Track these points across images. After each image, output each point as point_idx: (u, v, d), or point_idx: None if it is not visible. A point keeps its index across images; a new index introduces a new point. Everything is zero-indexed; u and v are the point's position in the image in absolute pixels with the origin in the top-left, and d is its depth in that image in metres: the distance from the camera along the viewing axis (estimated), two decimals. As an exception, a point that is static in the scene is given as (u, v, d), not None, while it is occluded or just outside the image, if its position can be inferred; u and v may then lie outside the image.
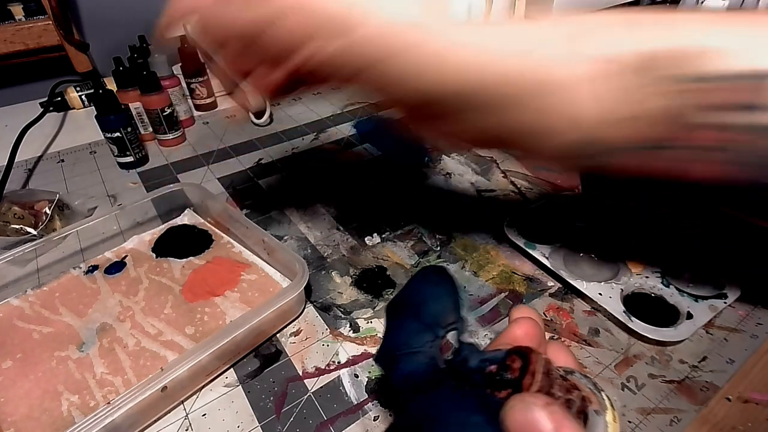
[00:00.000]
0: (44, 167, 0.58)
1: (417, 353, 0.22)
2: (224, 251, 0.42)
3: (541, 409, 0.17)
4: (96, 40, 0.81)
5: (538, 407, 0.17)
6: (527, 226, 0.41)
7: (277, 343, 0.34)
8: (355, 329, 0.35)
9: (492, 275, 0.38)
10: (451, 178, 0.51)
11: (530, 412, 0.17)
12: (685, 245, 0.37)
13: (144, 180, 0.54)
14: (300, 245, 0.43)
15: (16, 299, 0.38)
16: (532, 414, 0.17)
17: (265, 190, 0.51)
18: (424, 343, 0.22)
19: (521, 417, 0.17)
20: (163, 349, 0.33)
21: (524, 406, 0.17)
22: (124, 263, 0.41)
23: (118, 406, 0.26)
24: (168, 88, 0.60)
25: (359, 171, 0.53)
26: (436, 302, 0.23)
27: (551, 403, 0.17)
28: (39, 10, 0.72)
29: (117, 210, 0.43)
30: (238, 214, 0.42)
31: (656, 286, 0.35)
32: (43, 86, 0.71)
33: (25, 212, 0.45)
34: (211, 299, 0.37)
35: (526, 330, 0.21)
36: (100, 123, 0.53)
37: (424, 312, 0.23)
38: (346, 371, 0.32)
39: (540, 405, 0.17)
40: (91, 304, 0.37)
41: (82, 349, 0.33)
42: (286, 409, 0.30)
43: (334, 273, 0.40)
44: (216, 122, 0.67)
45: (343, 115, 0.67)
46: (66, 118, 0.70)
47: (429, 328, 0.22)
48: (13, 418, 0.29)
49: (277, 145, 0.60)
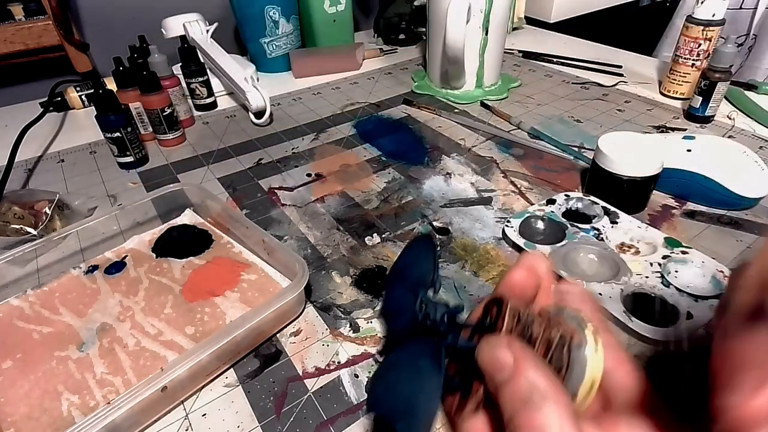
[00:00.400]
0: (44, 167, 0.58)
1: (403, 313, 0.25)
2: (224, 251, 0.42)
3: (502, 347, 0.19)
4: (96, 40, 0.81)
5: (500, 346, 0.19)
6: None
7: (277, 343, 0.34)
8: (355, 329, 0.35)
9: (492, 275, 0.38)
10: (451, 178, 0.51)
11: (493, 350, 0.19)
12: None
13: (144, 180, 0.54)
14: (300, 245, 0.43)
15: (16, 299, 0.38)
16: (494, 351, 0.19)
17: (265, 190, 0.51)
18: (408, 304, 0.25)
19: (487, 355, 0.20)
20: (163, 349, 0.33)
21: (488, 346, 0.20)
22: (124, 263, 0.41)
23: (118, 406, 0.26)
24: (168, 88, 0.60)
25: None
26: (417, 267, 0.27)
27: (512, 341, 0.19)
28: (39, 10, 0.72)
29: (117, 210, 0.43)
30: (238, 214, 0.42)
31: (656, 286, 0.35)
32: (43, 86, 0.71)
33: (25, 212, 0.45)
34: (211, 299, 0.37)
35: (518, 277, 0.24)
36: (100, 123, 0.53)
37: (407, 276, 0.27)
38: (346, 371, 0.32)
39: (501, 344, 0.19)
40: (91, 304, 0.37)
41: (82, 349, 0.33)
42: (286, 409, 0.30)
43: (334, 273, 0.40)
44: (216, 122, 0.67)
45: (343, 115, 0.67)
46: (66, 118, 0.70)
47: (411, 290, 0.25)
48: (13, 418, 0.29)
49: (277, 145, 0.60)
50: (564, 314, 0.22)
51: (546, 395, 0.18)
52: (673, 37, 0.91)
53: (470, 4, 0.60)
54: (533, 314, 0.22)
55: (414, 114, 0.66)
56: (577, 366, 0.20)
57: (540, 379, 0.18)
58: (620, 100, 0.67)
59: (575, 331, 0.21)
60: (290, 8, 0.80)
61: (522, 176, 0.51)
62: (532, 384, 0.18)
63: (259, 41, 0.80)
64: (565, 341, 0.21)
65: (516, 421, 0.18)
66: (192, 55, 0.66)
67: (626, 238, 0.40)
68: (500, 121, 0.63)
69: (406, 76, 0.79)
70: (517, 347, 0.19)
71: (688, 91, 0.64)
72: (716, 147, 0.46)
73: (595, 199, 0.43)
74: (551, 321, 0.21)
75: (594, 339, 0.20)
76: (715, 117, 0.59)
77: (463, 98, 0.69)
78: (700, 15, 0.59)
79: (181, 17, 0.70)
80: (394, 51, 0.91)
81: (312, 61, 0.81)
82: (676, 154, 0.45)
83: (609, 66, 0.76)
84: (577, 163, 0.53)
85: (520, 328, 0.21)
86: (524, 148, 0.56)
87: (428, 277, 0.26)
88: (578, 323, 0.21)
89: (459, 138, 0.59)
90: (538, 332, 0.21)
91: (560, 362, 0.21)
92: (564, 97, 0.69)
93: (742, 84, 0.66)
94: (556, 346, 0.20)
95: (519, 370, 0.19)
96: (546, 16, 1.07)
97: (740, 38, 0.87)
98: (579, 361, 0.20)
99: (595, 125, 0.60)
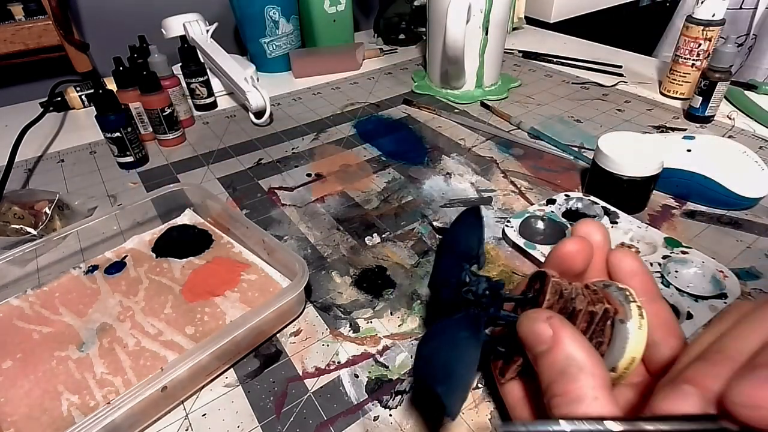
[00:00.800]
0: (44, 167, 0.58)
1: (449, 284, 0.26)
2: (224, 251, 0.42)
3: (541, 321, 0.20)
4: (96, 40, 0.81)
5: (539, 320, 0.20)
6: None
7: (277, 343, 0.34)
8: (355, 329, 0.35)
9: (492, 275, 0.38)
10: (451, 178, 0.51)
11: (532, 323, 0.20)
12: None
13: (144, 180, 0.54)
14: (300, 245, 0.43)
15: (16, 299, 0.38)
16: (533, 325, 0.20)
17: (265, 190, 0.51)
18: (454, 276, 0.26)
19: (527, 328, 0.20)
20: (163, 349, 0.33)
21: (528, 320, 0.20)
22: (124, 263, 0.41)
23: (118, 406, 0.26)
24: (168, 88, 0.60)
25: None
26: (464, 240, 0.28)
27: (552, 316, 0.20)
28: (39, 10, 0.72)
29: (117, 210, 0.43)
30: (238, 214, 0.42)
31: (656, 286, 0.35)
32: (43, 86, 0.71)
33: (25, 212, 0.45)
34: (211, 299, 0.37)
35: (568, 249, 0.24)
36: (100, 123, 0.53)
37: (455, 249, 0.28)
38: (346, 371, 0.32)
39: (541, 318, 0.20)
40: (91, 304, 0.37)
41: (82, 349, 0.33)
42: (286, 409, 0.30)
43: (334, 273, 0.40)
44: (216, 122, 0.67)
45: (343, 115, 0.67)
46: (66, 118, 0.70)
47: (458, 263, 0.26)
48: (13, 418, 0.29)
49: (277, 145, 0.60)
50: (610, 289, 0.22)
51: (582, 367, 0.18)
52: (673, 37, 0.91)
53: (470, 4, 0.60)
54: (577, 288, 0.22)
55: (414, 114, 0.66)
56: (619, 340, 0.20)
57: (577, 351, 0.19)
58: (620, 100, 0.67)
59: (620, 306, 0.21)
60: (290, 8, 0.80)
61: (522, 176, 0.51)
62: (569, 356, 0.19)
63: (259, 41, 0.80)
64: (609, 316, 0.21)
65: (552, 390, 0.19)
66: (192, 55, 0.66)
67: (626, 238, 0.40)
68: (500, 121, 0.63)
69: (406, 76, 0.79)
70: (556, 321, 0.20)
71: (688, 91, 0.64)
72: (716, 147, 0.46)
73: (595, 199, 0.43)
74: (597, 295, 0.22)
75: (639, 315, 0.20)
76: (715, 117, 0.59)
77: (463, 98, 0.69)
78: (700, 15, 0.59)
79: (181, 17, 0.70)
80: (394, 51, 0.91)
81: (312, 61, 0.81)
82: (676, 154, 0.45)
83: (609, 66, 0.76)
84: (577, 163, 0.53)
85: (563, 302, 0.22)
86: (524, 148, 0.56)
87: (473, 251, 0.27)
88: (624, 298, 0.21)
89: (459, 138, 0.59)
90: (581, 306, 0.21)
91: (602, 336, 0.21)
92: (564, 97, 0.69)
93: (742, 84, 0.66)
94: (600, 320, 0.21)
95: (557, 343, 0.19)
96: (546, 16, 1.07)
97: (740, 38, 0.87)
98: (621, 335, 0.20)
99: (595, 125, 0.60)
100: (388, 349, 0.33)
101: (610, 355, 0.21)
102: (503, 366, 0.25)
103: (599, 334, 0.21)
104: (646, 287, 0.23)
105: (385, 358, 0.32)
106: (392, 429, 0.28)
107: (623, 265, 0.24)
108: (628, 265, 0.24)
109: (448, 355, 0.23)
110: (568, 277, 0.24)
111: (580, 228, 0.25)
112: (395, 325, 0.35)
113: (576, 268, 0.24)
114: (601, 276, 0.25)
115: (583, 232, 0.25)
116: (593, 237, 0.25)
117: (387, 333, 0.34)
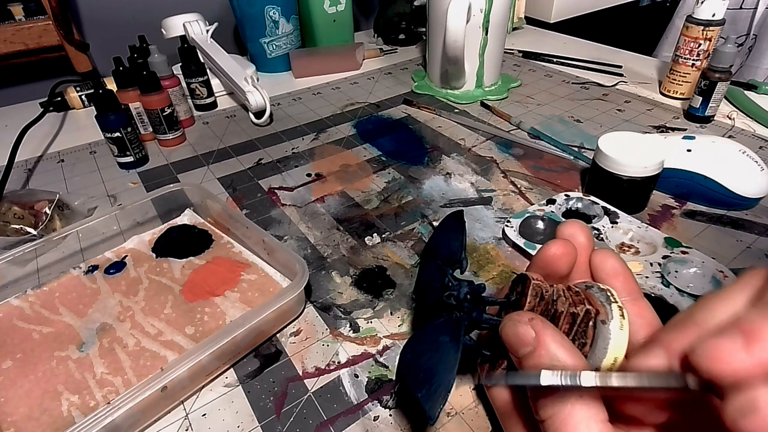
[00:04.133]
0: (44, 167, 0.58)
1: (434, 288, 0.26)
2: (224, 251, 0.42)
3: (524, 323, 0.20)
4: (96, 40, 0.81)
5: (521, 322, 0.20)
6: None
7: (277, 343, 0.34)
8: (355, 329, 0.35)
9: (492, 275, 0.38)
10: (451, 178, 0.51)
11: (515, 326, 0.20)
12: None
13: (144, 180, 0.54)
14: (300, 245, 0.43)
15: (16, 299, 0.38)
16: (516, 327, 0.20)
17: (265, 190, 0.51)
18: (437, 280, 0.26)
19: (509, 331, 0.21)
20: (163, 349, 0.33)
21: (511, 322, 0.21)
22: (124, 263, 0.41)
23: (118, 406, 0.26)
24: (168, 88, 0.60)
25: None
26: (446, 245, 0.28)
27: (534, 317, 0.20)
28: (39, 10, 0.72)
29: (117, 210, 0.43)
30: (238, 214, 0.42)
31: (656, 286, 0.35)
32: (43, 86, 0.71)
33: (25, 212, 0.45)
34: (211, 299, 0.37)
35: (552, 251, 0.24)
36: (100, 123, 0.53)
37: (438, 254, 0.28)
38: (346, 371, 0.32)
39: (523, 320, 0.20)
40: (91, 304, 0.37)
41: (82, 349, 0.33)
42: (286, 409, 0.30)
43: (334, 273, 0.40)
44: (216, 122, 0.67)
45: (343, 115, 0.67)
46: (66, 118, 0.70)
47: (440, 268, 0.26)
48: (13, 418, 0.29)
49: (277, 145, 0.60)
50: (592, 290, 0.22)
51: (566, 367, 0.19)
52: (673, 37, 0.91)
53: (470, 4, 0.60)
54: (558, 290, 0.23)
55: (414, 114, 0.66)
56: (601, 341, 0.21)
57: (560, 351, 0.19)
58: (620, 100, 0.67)
59: (601, 307, 0.21)
60: (290, 8, 0.80)
61: (522, 176, 0.51)
62: (552, 356, 0.19)
63: (259, 41, 0.80)
64: (591, 317, 0.21)
65: (538, 391, 0.19)
66: (192, 55, 0.66)
67: (626, 238, 0.40)
68: (500, 121, 0.63)
69: (406, 76, 0.79)
70: (537, 323, 0.20)
71: (688, 91, 0.64)
72: (716, 147, 0.46)
73: (595, 199, 0.43)
74: (579, 297, 0.22)
75: (620, 315, 0.20)
76: (715, 117, 0.59)
77: (463, 98, 0.69)
78: (700, 15, 0.59)
79: (181, 17, 0.70)
80: (394, 51, 0.91)
81: (312, 61, 0.81)
82: (676, 154, 0.45)
83: (609, 66, 0.76)
84: (577, 163, 0.53)
85: (544, 304, 0.22)
86: (524, 148, 0.56)
87: (456, 256, 0.27)
88: (606, 299, 0.21)
89: (459, 138, 0.59)
90: (563, 308, 0.21)
91: (584, 337, 0.21)
92: (564, 97, 0.69)
93: (742, 84, 0.66)
94: (581, 321, 0.21)
95: (540, 344, 0.19)
96: (546, 16, 1.07)
97: (740, 38, 0.87)
98: (603, 336, 0.20)
99: (595, 125, 0.60)
100: (388, 349, 0.33)
101: (593, 355, 0.21)
102: (489, 369, 0.25)
103: (582, 335, 0.21)
104: (628, 287, 0.24)
105: (385, 358, 0.32)
106: (392, 429, 0.28)
107: (606, 266, 0.24)
108: (611, 266, 0.24)
109: (428, 359, 0.23)
110: (553, 279, 0.24)
111: (564, 230, 0.25)
112: (395, 325, 0.35)
113: (561, 270, 0.24)
114: (585, 277, 0.25)
115: (567, 234, 0.25)
116: (577, 239, 0.25)
117: (387, 333, 0.34)
